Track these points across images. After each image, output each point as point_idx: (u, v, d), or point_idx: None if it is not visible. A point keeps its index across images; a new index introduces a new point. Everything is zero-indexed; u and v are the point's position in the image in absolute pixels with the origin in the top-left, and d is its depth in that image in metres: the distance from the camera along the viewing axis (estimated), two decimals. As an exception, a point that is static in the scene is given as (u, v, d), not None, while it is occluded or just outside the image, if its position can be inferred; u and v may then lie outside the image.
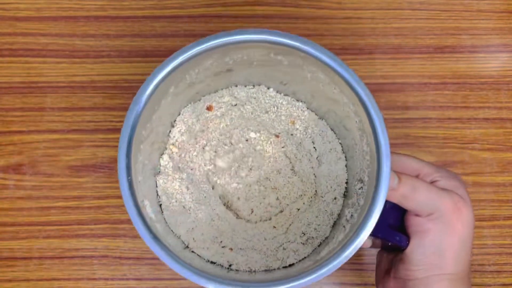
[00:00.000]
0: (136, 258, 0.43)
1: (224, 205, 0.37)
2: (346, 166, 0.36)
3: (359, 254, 0.44)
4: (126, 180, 0.29)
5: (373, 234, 0.29)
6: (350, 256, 0.29)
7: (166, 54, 0.45)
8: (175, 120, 0.37)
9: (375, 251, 0.38)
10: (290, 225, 0.36)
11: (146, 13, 0.47)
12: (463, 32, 0.47)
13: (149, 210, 0.32)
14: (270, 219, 0.37)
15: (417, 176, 0.33)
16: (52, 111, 0.45)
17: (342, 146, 0.37)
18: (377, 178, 0.29)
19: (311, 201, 0.36)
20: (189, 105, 0.37)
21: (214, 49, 0.31)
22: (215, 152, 0.37)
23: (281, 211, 0.37)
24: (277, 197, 0.37)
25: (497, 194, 0.45)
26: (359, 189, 0.33)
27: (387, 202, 0.29)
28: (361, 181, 0.33)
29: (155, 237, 0.29)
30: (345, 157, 0.36)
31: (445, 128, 0.46)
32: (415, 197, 0.31)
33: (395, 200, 0.31)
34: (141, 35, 0.46)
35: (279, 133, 0.37)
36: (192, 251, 0.35)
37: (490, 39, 0.47)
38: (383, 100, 0.46)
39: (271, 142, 0.37)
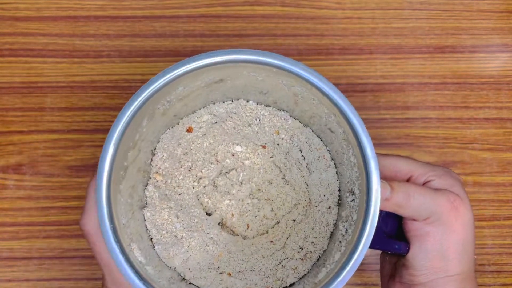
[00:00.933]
0: (136, 258, 0.43)
1: (219, 224, 0.36)
2: (337, 173, 0.35)
3: (367, 254, 0.44)
4: (109, 228, 0.28)
5: (371, 246, 0.29)
6: (349, 277, 0.28)
7: (166, 54, 0.46)
8: (155, 148, 0.35)
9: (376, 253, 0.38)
10: (287, 238, 0.35)
11: (146, 13, 0.47)
12: (463, 32, 0.47)
13: (137, 254, 0.31)
14: (267, 232, 0.36)
15: (409, 178, 0.33)
16: (52, 111, 0.45)
17: (330, 153, 0.36)
18: (367, 194, 0.28)
19: (306, 210, 0.36)
20: (168, 130, 0.35)
21: (182, 76, 0.29)
22: (202, 172, 0.36)
23: (278, 223, 0.36)
24: (272, 208, 0.36)
25: (497, 194, 0.45)
26: (351, 201, 0.32)
27: (381, 211, 0.28)
28: (353, 193, 0.32)
29: (146, 283, 0.29)
30: (335, 164, 0.35)
31: (445, 128, 0.46)
32: (410, 204, 0.30)
33: (389, 209, 0.31)
34: (141, 35, 0.46)
35: (266, 144, 0.36)
36: (190, 283, 0.34)
37: (490, 39, 0.47)
38: (383, 100, 0.46)
39: (258, 153, 0.36)
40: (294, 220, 0.35)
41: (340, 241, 0.32)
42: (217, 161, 0.36)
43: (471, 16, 0.48)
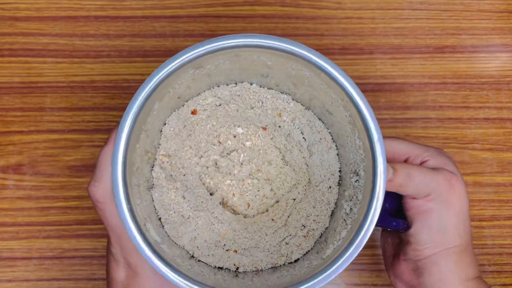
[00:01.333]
0: (136, 258, 0.43)
1: (220, 203, 0.37)
2: (338, 154, 0.36)
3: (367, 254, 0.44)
4: (127, 209, 0.29)
5: None
6: (356, 253, 0.29)
7: (166, 54, 0.46)
8: (161, 131, 0.36)
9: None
10: (288, 216, 0.36)
11: (146, 13, 0.47)
12: (463, 32, 0.47)
13: (153, 233, 0.32)
14: (267, 210, 0.37)
15: (407, 159, 0.35)
16: (52, 111, 0.45)
17: (331, 135, 0.37)
18: (373, 175, 0.30)
19: (306, 190, 0.37)
20: (173, 113, 0.36)
21: (194, 60, 0.30)
22: (205, 153, 0.37)
23: (277, 201, 0.37)
24: (271, 188, 0.37)
25: (497, 194, 0.45)
26: (355, 181, 0.33)
27: None
28: (357, 174, 0.33)
29: (164, 262, 0.29)
30: (336, 146, 0.37)
31: (445, 128, 0.46)
32: (411, 183, 0.32)
33: (392, 189, 0.33)
34: (141, 35, 0.46)
35: (266, 126, 0.37)
36: (199, 260, 0.35)
37: (490, 39, 0.47)
38: (383, 100, 0.46)
39: (259, 135, 0.37)
40: (294, 199, 0.37)
41: (344, 219, 0.33)
42: (219, 142, 0.37)
43: (471, 16, 0.48)
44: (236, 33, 0.31)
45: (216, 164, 0.38)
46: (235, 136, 0.37)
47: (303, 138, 0.37)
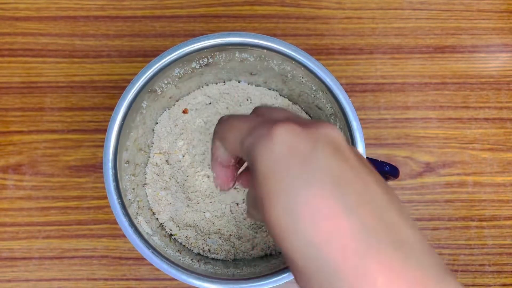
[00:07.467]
0: (136, 258, 0.43)
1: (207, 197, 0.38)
2: None
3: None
4: (117, 202, 0.31)
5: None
6: None
7: (166, 54, 0.46)
8: (153, 130, 0.38)
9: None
10: None
11: (146, 13, 0.47)
12: (463, 32, 0.47)
13: (144, 226, 0.33)
14: None
15: None
16: (52, 111, 0.45)
17: None
18: None
19: None
20: (164, 112, 0.38)
21: (178, 59, 0.32)
22: (197, 150, 0.38)
23: None
24: None
25: (497, 194, 0.45)
26: None
27: None
28: None
29: (154, 251, 0.31)
30: None
31: (446, 128, 0.46)
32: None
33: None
34: (141, 35, 0.46)
35: None
36: (198, 253, 0.37)
37: (490, 39, 0.47)
38: (383, 100, 0.46)
39: None
40: None
41: None
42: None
43: (471, 16, 0.47)
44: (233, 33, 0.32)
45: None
46: None
47: None
